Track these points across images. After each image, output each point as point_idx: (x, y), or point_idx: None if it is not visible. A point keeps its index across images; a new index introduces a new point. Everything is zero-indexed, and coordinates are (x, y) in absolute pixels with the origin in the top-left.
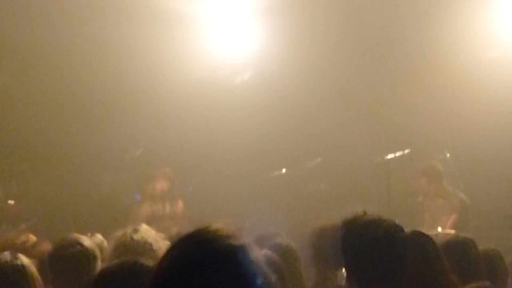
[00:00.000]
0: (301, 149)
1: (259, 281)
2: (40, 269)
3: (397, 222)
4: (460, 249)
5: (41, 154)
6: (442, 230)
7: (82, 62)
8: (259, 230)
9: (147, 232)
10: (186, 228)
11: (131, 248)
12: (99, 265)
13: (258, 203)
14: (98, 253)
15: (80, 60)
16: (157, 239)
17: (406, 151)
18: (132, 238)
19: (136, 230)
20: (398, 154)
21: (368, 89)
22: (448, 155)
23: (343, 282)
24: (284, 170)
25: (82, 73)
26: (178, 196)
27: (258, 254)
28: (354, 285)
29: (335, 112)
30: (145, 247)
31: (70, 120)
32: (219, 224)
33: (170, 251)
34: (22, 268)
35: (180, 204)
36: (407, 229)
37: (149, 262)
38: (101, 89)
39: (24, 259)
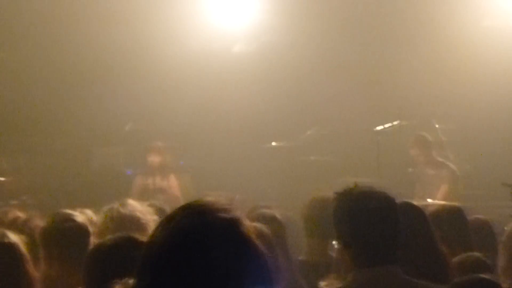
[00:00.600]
0: (297, 120)
1: (250, 253)
2: (30, 245)
3: (388, 193)
4: (448, 218)
5: (32, 130)
6: (431, 201)
7: (77, 34)
8: (252, 202)
9: (135, 206)
10: (179, 202)
11: (118, 222)
12: (92, 241)
13: (252, 174)
14: (90, 229)
15: (74, 32)
16: (144, 213)
17: (396, 122)
18: (119, 212)
19: (123, 204)
20: (394, 124)
21: (364, 59)
22: (437, 125)
23: (335, 254)
24: (277, 143)
25: (76, 46)
26: (170, 170)
27: (250, 226)
28: (346, 257)
29: (332, 83)
30: (132, 221)
31: (62, 94)
32: (211, 197)
33: (162, 224)
34: (10, 246)
35: (172, 178)
36: (398, 200)
37: (141, 237)
38: (95, 61)
39: (12, 237)
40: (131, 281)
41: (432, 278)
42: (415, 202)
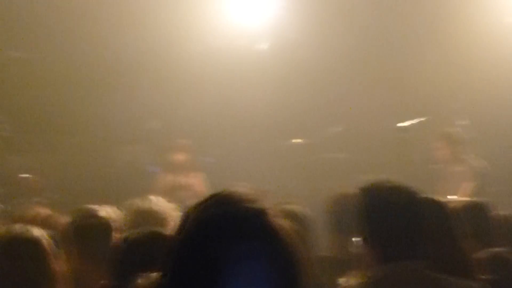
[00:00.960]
0: (318, 117)
1: (277, 246)
2: (54, 241)
3: (411, 188)
4: (474, 213)
5: (56, 126)
6: (453, 197)
7: (99, 31)
8: (275, 198)
9: (157, 202)
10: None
11: (138, 217)
12: (114, 236)
13: (272, 171)
14: (113, 224)
15: (96, 29)
16: (167, 210)
17: (424, 118)
18: (139, 207)
19: (144, 199)
20: (415, 121)
21: (385, 56)
22: (465, 122)
23: (359, 250)
24: (296, 140)
25: (99, 43)
26: (198, 168)
27: (278, 218)
28: (372, 253)
29: (352, 80)
30: (152, 216)
31: (86, 91)
32: (239, 187)
33: (188, 214)
34: (34, 241)
35: (199, 176)
36: (421, 195)
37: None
38: (118, 59)
39: (36, 231)
40: (154, 275)
41: (453, 274)
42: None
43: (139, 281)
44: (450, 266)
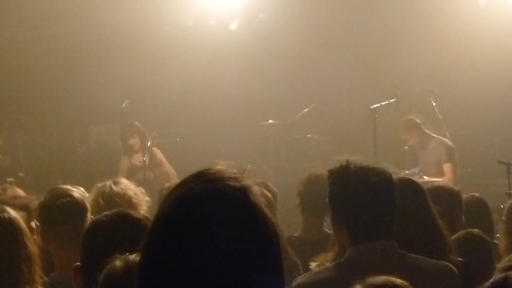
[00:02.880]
0: (290, 98)
1: (260, 222)
2: (27, 221)
3: (384, 169)
4: (446, 196)
5: (28, 108)
6: (429, 178)
7: (71, 11)
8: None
9: (127, 185)
10: (169, 177)
11: (110, 200)
12: (89, 217)
13: (248, 151)
14: (87, 204)
15: (68, 9)
16: (136, 193)
17: (393, 99)
18: (111, 190)
19: (116, 182)
20: (384, 102)
21: (356, 38)
22: (433, 103)
23: (330, 231)
24: (273, 120)
25: (71, 23)
26: (159, 145)
27: (259, 195)
28: (341, 233)
29: (324, 61)
30: (124, 199)
31: (58, 71)
32: (221, 165)
33: (171, 194)
34: (10, 221)
35: (156, 151)
36: (396, 176)
37: (137, 214)
38: (90, 39)
39: (11, 212)
40: (132, 256)
41: (429, 254)
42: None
43: (117, 262)
44: (426, 246)
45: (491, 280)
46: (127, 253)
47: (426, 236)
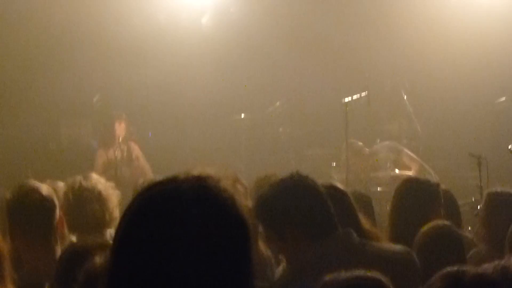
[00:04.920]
0: (261, 92)
1: (228, 216)
2: None
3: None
4: (418, 189)
5: None
6: (400, 171)
7: (42, 6)
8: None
9: (97, 180)
10: (146, 173)
11: (79, 195)
12: (58, 213)
13: (220, 146)
14: (56, 201)
15: (39, 4)
16: (106, 187)
17: (364, 93)
18: (81, 185)
19: (86, 177)
20: (355, 96)
21: (326, 32)
22: (405, 96)
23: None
24: (243, 115)
25: (42, 18)
26: (132, 140)
27: (226, 190)
28: (289, 243)
29: (296, 56)
30: (94, 194)
31: (27, 66)
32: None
33: (142, 191)
34: None
35: (134, 146)
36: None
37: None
38: (60, 33)
39: None
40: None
41: None
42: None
43: (96, 259)
44: None
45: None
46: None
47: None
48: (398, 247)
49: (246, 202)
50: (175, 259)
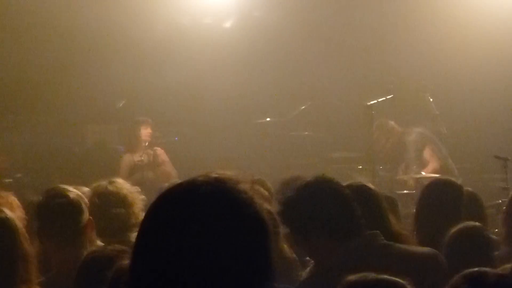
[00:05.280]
0: (287, 95)
1: (248, 218)
2: (25, 221)
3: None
4: (442, 190)
5: (25, 108)
6: (426, 173)
7: (67, 10)
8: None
9: (122, 184)
10: (171, 177)
11: (105, 199)
12: (85, 217)
13: (245, 150)
14: (83, 205)
15: (63, 9)
16: (131, 191)
17: (389, 96)
18: (106, 189)
19: (111, 182)
20: (381, 99)
21: (352, 34)
22: (430, 99)
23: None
24: (268, 119)
25: (66, 23)
26: (158, 144)
27: (259, 202)
28: (318, 243)
29: (321, 59)
30: (119, 198)
31: (54, 72)
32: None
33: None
34: (5, 220)
35: (159, 151)
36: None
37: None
38: (86, 38)
39: (7, 211)
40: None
41: None
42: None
43: (125, 261)
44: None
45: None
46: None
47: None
48: (425, 250)
49: (268, 204)
50: (193, 260)
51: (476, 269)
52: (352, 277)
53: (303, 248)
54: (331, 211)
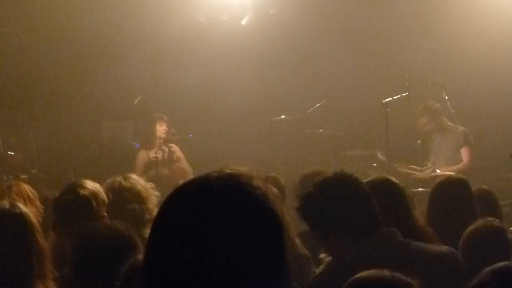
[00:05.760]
0: (302, 93)
1: (261, 214)
2: (39, 217)
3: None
4: (457, 188)
5: (40, 104)
6: (441, 171)
7: (83, 9)
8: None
9: (137, 180)
10: (186, 174)
11: (119, 194)
12: (101, 212)
13: (260, 147)
14: (99, 200)
15: (81, 6)
16: (146, 187)
17: (405, 93)
18: (121, 185)
19: (126, 178)
20: (396, 96)
21: (367, 33)
22: (446, 97)
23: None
24: (285, 116)
25: (84, 20)
26: (172, 141)
27: (260, 188)
28: (338, 239)
29: (336, 57)
30: (133, 193)
31: (70, 68)
32: (231, 166)
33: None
34: (20, 216)
35: (174, 148)
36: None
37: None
38: (102, 34)
39: (22, 207)
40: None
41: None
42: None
43: (139, 256)
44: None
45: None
46: None
47: (403, 228)
48: (443, 248)
49: (281, 200)
50: (207, 256)
51: (503, 263)
52: (358, 275)
53: (321, 243)
54: (349, 207)
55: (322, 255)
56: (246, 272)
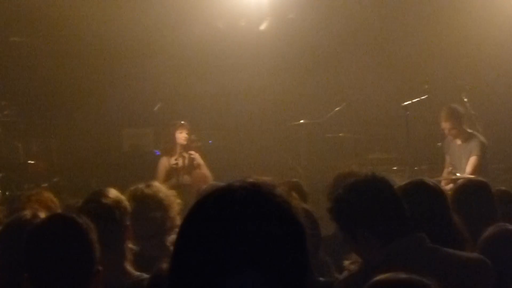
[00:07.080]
0: (322, 97)
1: (298, 232)
2: None
3: (384, 177)
4: (474, 191)
5: (61, 112)
6: (460, 174)
7: (103, 15)
8: (281, 178)
9: (158, 188)
10: (208, 181)
11: (141, 202)
12: (120, 220)
13: (281, 152)
14: (122, 209)
15: (101, 13)
16: (168, 195)
17: (425, 96)
18: (143, 192)
19: (148, 185)
20: (416, 99)
21: (386, 36)
22: (465, 99)
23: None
24: (305, 120)
25: (103, 27)
26: (193, 148)
27: (297, 206)
28: (370, 240)
29: (355, 60)
30: (155, 201)
31: (90, 76)
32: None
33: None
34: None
35: (195, 155)
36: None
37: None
38: (123, 42)
39: (42, 215)
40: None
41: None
42: (442, 177)
43: (164, 265)
44: (442, 242)
45: None
46: None
47: (441, 232)
48: (473, 255)
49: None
50: (232, 264)
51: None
52: (375, 278)
53: (350, 245)
54: (379, 210)
55: (346, 262)
56: (269, 281)
